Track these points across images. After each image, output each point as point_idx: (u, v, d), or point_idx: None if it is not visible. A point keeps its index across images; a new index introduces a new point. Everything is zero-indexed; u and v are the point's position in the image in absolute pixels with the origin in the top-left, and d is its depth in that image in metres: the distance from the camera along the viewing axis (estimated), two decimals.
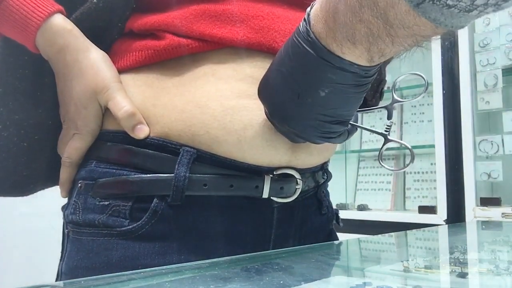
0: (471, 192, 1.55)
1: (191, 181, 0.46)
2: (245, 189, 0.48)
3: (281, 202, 0.50)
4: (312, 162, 0.53)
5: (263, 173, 0.48)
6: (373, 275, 0.46)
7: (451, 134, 1.63)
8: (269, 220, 0.50)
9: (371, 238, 0.76)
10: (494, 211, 1.49)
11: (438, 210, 1.63)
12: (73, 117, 0.50)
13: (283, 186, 0.49)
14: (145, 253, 0.46)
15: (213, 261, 0.41)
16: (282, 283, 0.36)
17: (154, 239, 0.46)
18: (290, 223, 0.52)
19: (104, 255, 0.46)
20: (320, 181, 0.58)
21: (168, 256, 0.46)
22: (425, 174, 1.92)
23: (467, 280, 0.43)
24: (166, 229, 0.46)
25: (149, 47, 0.48)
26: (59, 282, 0.38)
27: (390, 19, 0.32)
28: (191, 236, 0.47)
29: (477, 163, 1.57)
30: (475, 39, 1.63)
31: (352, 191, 2.12)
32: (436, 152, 1.65)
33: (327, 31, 0.36)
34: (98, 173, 0.49)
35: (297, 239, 0.54)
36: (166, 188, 0.46)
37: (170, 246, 0.46)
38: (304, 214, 0.54)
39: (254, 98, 0.46)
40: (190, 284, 0.36)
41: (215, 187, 0.47)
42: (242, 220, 0.49)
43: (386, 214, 1.81)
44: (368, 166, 2.11)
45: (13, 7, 0.47)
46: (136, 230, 0.46)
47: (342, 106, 0.41)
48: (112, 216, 0.47)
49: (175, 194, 0.46)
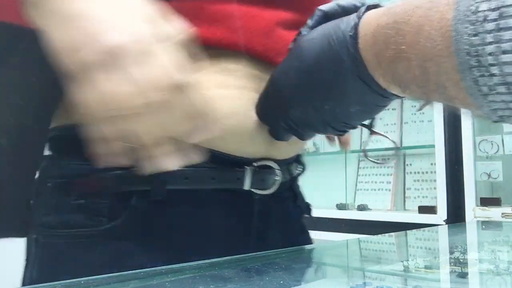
0: (471, 192, 1.55)
1: (172, 174, 0.40)
2: (227, 182, 0.47)
3: (261, 194, 0.50)
4: (289, 153, 0.53)
5: (244, 165, 0.47)
6: (373, 275, 0.46)
7: (451, 134, 1.63)
8: (251, 213, 0.50)
9: (371, 238, 0.76)
10: (494, 211, 1.49)
11: (438, 210, 1.63)
12: None
13: (263, 178, 0.49)
14: (128, 252, 0.44)
15: (213, 261, 0.41)
16: (282, 283, 0.36)
17: (136, 237, 0.44)
18: (270, 215, 0.52)
19: (83, 258, 0.44)
20: (295, 173, 0.58)
21: (151, 254, 0.44)
22: (425, 174, 1.92)
23: (467, 280, 0.43)
24: (148, 226, 0.45)
25: None
26: (59, 282, 0.38)
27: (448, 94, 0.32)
28: (173, 232, 0.46)
29: (477, 163, 1.57)
30: None
31: (352, 191, 2.12)
32: (436, 152, 1.65)
33: (376, 66, 0.35)
34: (70, 170, 0.45)
35: (277, 230, 0.53)
36: (145, 183, 0.43)
37: (152, 244, 0.45)
38: (283, 206, 0.55)
39: (232, 89, 0.46)
40: (190, 284, 0.35)
41: (196, 180, 0.45)
42: (224, 213, 0.48)
43: (386, 214, 1.81)
44: (368, 166, 2.11)
45: None
46: (116, 228, 0.44)
47: (365, 118, 0.43)
48: (89, 216, 0.44)
49: (156, 189, 0.44)
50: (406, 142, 1.99)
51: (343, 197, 2.07)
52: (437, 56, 0.29)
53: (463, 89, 0.29)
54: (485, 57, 0.27)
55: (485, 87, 0.28)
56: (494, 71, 0.27)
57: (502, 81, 0.27)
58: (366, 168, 2.12)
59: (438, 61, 0.29)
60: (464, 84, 0.29)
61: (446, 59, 0.29)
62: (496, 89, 0.27)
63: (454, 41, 0.28)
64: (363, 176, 2.11)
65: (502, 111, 0.29)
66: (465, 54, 0.27)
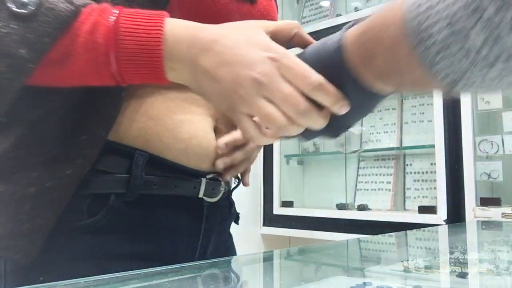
0: (471, 192, 1.55)
1: (145, 181, 0.52)
2: (186, 190, 0.56)
3: (209, 201, 0.59)
4: None
5: (200, 177, 0.57)
6: (373, 275, 0.46)
7: (451, 134, 1.63)
8: (200, 216, 0.59)
9: (371, 238, 0.76)
10: (494, 211, 1.49)
11: (438, 210, 1.63)
12: None
13: (213, 188, 0.59)
14: (103, 244, 0.52)
15: (213, 261, 0.42)
16: (283, 283, 0.36)
17: (110, 231, 0.52)
18: (214, 219, 0.61)
19: (65, 247, 0.51)
20: (232, 186, 0.67)
21: (122, 246, 0.53)
22: (425, 174, 1.92)
23: (467, 280, 0.43)
24: (120, 222, 0.52)
25: None
26: (59, 282, 0.38)
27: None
28: (141, 229, 0.54)
29: (477, 163, 1.57)
30: None
31: (352, 191, 2.12)
32: (436, 152, 1.65)
33: (362, 66, 0.41)
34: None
35: (217, 233, 0.62)
36: (121, 187, 0.52)
37: (123, 238, 0.53)
38: (222, 212, 0.64)
39: (195, 114, 0.56)
40: (190, 284, 0.35)
41: (163, 187, 0.54)
42: (181, 215, 0.57)
43: (386, 214, 1.81)
44: (368, 166, 2.11)
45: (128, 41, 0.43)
46: (94, 224, 0.51)
47: (359, 118, 0.48)
48: (71, 212, 0.50)
49: (131, 192, 0.52)
50: (406, 142, 1.99)
51: (343, 197, 2.07)
52: (395, 45, 0.37)
53: (419, 65, 0.36)
54: (428, 30, 0.34)
55: (433, 55, 0.34)
56: (436, 38, 0.34)
57: (444, 46, 0.34)
58: (366, 168, 2.12)
59: (398, 49, 0.37)
60: (418, 60, 0.36)
61: (403, 43, 0.36)
62: (441, 53, 0.34)
63: (406, 29, 0.36)
64: (363, 176, 2.11)
65: (452, 74, 0.35)
66: (415, 34, 0.35)
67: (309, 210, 2.05)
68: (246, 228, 2.18)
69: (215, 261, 0.43)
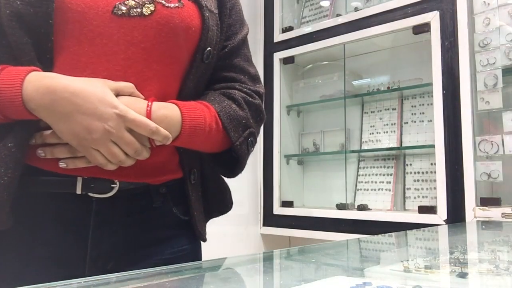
0: (471, 192, 1.55)
1: (24, 182, 0.63)
2: (63, 187, 0.66)
3: (98, 196, 0.67)
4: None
5: (76, 176, 0.66)
6: (373, 275, 0.46)
7: (451, 134, 1.63)
8: (89, 210, 0.67)
9: (371, 238, 0.76)
10: (494, 211, 1.49)
11: (438, 210, 1.63)
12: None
13: (93, 184, 0.67)
14: (11, 235, 0.63)
15: (213, 261, 0.42)
16: (283, 283, 0.36)
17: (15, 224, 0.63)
18: (111, 212, 0.69)
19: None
20: (152, 187, 0.74)
21: (26, 231, 0.65)
22: (425, 174, 1.92)
23: (467, 280, 0.43)
24: (22, 216, 0.64)
25: None
26: (58, 282, 0.38)
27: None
28: (37, 220, 0.66)
29: (477, 163, 1.57)
30: (475, 39, 1.63)
31: (352, 191, 2.12)
32: (436, 152, 1.65)
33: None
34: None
35: (123, 224, 0.70)
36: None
37: (22, 231, 0.64)
38: (129, 207, 0.71)
39: None
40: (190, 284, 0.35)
41: (40, 186, 0.66)
42: (67, 208, 0.67)
43: (386, 214, 1.81)
44: (368, 166, 2.11)
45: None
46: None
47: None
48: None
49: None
50: (406, 142, 1.99)
51: (343, 197, 2.07)
52: None
53: None
54: None
55: None
56: None
57: None
58: (366, 168, 2.12)
59: None
60: None
61: None
62: None
63: None
64: (363, 176, 2.11)
65: None
66: None
67: (309, 210, 2.05)
68: (246, 228, 2.18)
69: (215, 260, 0.43)
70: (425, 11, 1.75)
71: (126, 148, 0.62)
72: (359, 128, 2.15)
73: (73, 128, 0.60)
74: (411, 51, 2.00)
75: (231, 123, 0.75)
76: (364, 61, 2.16)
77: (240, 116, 0.77)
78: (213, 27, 0.76)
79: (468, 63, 1.61)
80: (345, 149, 2.13)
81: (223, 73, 0.82)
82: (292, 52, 2.20)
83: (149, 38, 0.68)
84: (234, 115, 0.76)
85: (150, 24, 0.68)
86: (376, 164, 2.08)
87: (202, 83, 0.79)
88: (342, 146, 2.16)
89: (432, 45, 1.71)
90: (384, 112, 2.09)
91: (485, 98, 1.58)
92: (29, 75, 0.60)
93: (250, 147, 0.80)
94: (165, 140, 0.65)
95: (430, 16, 1.72)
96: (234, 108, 0.76)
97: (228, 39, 0.82)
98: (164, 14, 0.69)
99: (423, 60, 1.86)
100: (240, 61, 0.83)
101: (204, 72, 0.77)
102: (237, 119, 0.76)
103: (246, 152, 0.79)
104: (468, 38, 1.62)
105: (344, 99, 2.10)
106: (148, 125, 0.63)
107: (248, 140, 0.79)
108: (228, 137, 0.75)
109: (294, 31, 2.23)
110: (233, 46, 0.82)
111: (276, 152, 2.21)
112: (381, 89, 2.05)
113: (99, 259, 0.67)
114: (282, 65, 2.27)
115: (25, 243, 0.66)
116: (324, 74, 2.29)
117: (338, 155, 2.17)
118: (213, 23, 0.76)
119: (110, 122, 0.60)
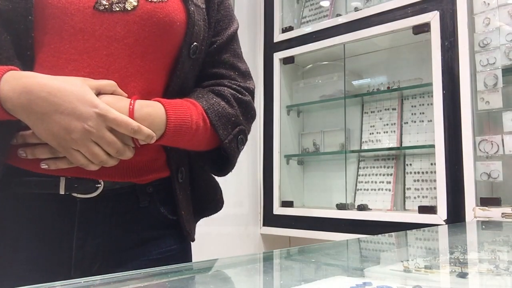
0: (471, 192, 1.55)
1: (4, 183, 0.64)
2: (46, 187, 0.65)
3: (82, 197, 0.66)
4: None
5: (59, 176, 0.65)
6: (373, 275, 0.46)
7: (451, 134, 1.63)
8: (73, 210, 0.67)
9: (371, 238, 0.76)
10: (494, 211, 1.49)
11: (438, 210, 1.63)
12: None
13: (77, 184, 0.66)
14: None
15: (213, 261, 0.42)
16: (283, 283, 0.36)
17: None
18: (96, 212, 0.68)
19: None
20: (137, 187, 0.73)
21: (8, 233, 0.65)
22: (425, 174, 1.92)
23: (467, 280, 0.43)
24: (4, 218, 0.65)
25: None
26: (58, 282, 0.38)
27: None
28: (20, 221, 0.65)
29: (477, 163, 1.57)
30: (475, 39, 1.63)
31: (352, 191, 2.12)
32: (436, 152, 1.65)
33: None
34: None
35: (109, 224, 0.69)
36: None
37: (4, 233, 0.64)
38: (116, 206, 0.70)
39: None
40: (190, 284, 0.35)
41: (21, 186, 0.65)
42: (51, 208, 0.66)
43: (386, 214, 1.81)
44: (368, 166, 2.11)
45: None
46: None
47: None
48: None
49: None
50: (406, 142, 1.99)
51: (343, 197, 2.07)
52: None
53: None
54: None
55: None
56: None
57: None
58: (366, 168, 2.12)
59: None
60: None
61: None
62: None
63: None
64: (363, 176, 2.11)
65: None
66: None
67: (309, 210, 2.05)
68: (246, 228, 2.18)
69: (215, 260, 0.43)
70: (425, 11, 1.75)
71: (107, 148, 0.61)
72: (359, 128, 2.15)
73: (51, 128, 0.58)
74: (411, 51, 2.00)
75: (219, 121, 0.73)
76: (364, 61, 2.16)
77: (229, 114, 0.75)
78: (200, 22, 0.74)
79: (468, 63, 1.61)
80: (345, 149, 2.13)
81: (212, 70, 0.80)
82: (292, 52, 2.20)
83: (132, 34, 0.66)
84: (223, 112, 0.74)
85: (133, 19, 0.66)
86: (376, 164, 2.08)
87: (190, 79, 0.78)
88: (342, 146, 2.16)
89: (432, 45, 1.71)
90: (384, 112, 2.09)
91: (485, 98, 1.58)
92: (5, 74, 0.58)
93: (240, 145, 0.78)
94: (149, 139, 0.63)
95: (430, 16, 1.72)
96: (223, 105, 0.75)
97: (216, 34, 0.81)
98: (147, 8, 0.67)
99: (423, 60, 1.87)
100: (229, 57, 0.81)
101: (191, 68, 0.76)
102: (226, 116, 0.74)
103: (236, 150, 0.77)
104: (468, 38, 1.62)
105: (344, 99, 2.10)
106: (130, 124, 0.61)
107: (238, 138, 0.77)
108: (216, 135, 0.73)
109: (294, 31, 2.23)
110: (222, 42, 0.80)
111: (276, 152, 2.21)
112: (381, 89, 2.05)
113: (84, 261, 0.66)
114: (282, 65, 2.27)
115: (8, 245, 0.65)
116: (324, 74, 2.29)
117: (338, 155, 2.17)
118: (200, 17, 0.75)
119: (90, 121, 0.58)
